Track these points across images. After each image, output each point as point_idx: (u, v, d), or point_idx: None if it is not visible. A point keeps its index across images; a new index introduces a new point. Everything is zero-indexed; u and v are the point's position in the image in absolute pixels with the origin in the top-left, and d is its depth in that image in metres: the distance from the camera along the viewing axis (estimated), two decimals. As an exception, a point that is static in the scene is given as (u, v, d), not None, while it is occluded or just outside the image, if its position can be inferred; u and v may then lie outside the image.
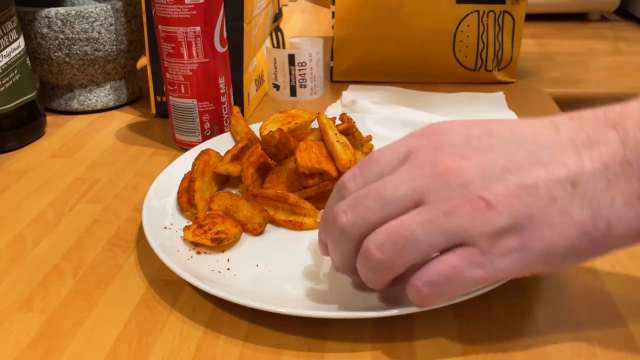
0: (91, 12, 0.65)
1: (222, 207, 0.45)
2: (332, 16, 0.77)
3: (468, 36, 0.75)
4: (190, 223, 0.45)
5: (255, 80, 0.72)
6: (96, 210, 0.50)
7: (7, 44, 0.59)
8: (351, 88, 0.76)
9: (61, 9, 0.64)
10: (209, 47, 0.55)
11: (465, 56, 0.76)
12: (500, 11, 0.74)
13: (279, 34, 0.84)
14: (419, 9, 0.74)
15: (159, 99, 0.68)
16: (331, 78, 0.80)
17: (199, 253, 0.42)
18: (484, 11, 0.74)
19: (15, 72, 0.60)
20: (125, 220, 0.48)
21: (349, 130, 0.52)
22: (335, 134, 0.48)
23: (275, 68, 0.74)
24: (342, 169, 0.46)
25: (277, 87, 0.75)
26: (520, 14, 0.75)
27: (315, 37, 0.78)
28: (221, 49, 0.57)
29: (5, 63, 0.59)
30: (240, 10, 0.62)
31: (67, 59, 0.66)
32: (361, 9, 0.75)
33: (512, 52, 0.76)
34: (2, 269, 0.42)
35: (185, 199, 0.47)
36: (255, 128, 0.57)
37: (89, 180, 0.55)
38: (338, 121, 0.54)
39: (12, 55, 0.60)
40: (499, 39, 0.75)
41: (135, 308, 0.38)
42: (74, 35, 0.65)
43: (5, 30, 0.58)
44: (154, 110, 0.68)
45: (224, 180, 0.51)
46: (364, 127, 0.57)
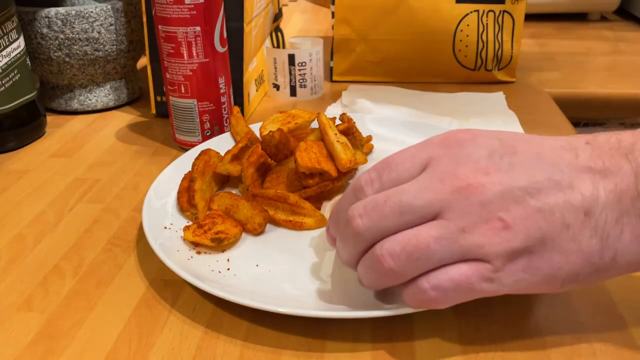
0: (91, 12, 0.65)
1: (222, 207, 0.45)
2: (332, 16, 0.77)
3: (468, 36, 0.75)
4: (190, 223, 0.45)
5: (255, 80, 0.72)
6: (96, 210, 0.50)
7: (7, 44, 0.59)
8: (351, 88, 0.76)
9: (61, 9, 0.64)
10: (209, 47, 0.55)
11: (465, 56, 0.76)
12: (500, 11, 0.74)
13: (279, 34, 0.84)
14: (418, 9, 0.74)
15: (159, 99, 0.68)
16: (331, 78, 0.80)
17: (199, 253, 0.42)
18: (484, 11, 0.74)
19: (15, 72, 0.60)
20: (125, 220, 0.48)
21: (349, 130, 0.52)
22: (335, 134, 0.48)
23: (275, 68, 0.74)
24: (342, 169, 0.46)
25: (277, 87, 0.75)
26: (519, 13, 0.75)
27: (315, 37, 0.78)
28: (221, 49, 0.57)
29: (5, 63, 0.59)
30: (240, 10, 0.62)
31: (67, 59, 0.66)
32: (361, 9, 0.75)
33: (512, 52, 0.76)
34: (2, 269, 0.43)
35: (185, 199, 0.47)
36: (255, 128, 0.57)
37: (89, 180, 0.55)
38: (338, 121, 0.54)
39: (12, 55, 0.60)
40: (499, 39, 0.75)
41: (135, 308, 0.38)
42: (74, 35, 0.65)
43: (5, 30, 0.58)
44: (154, 110, 0.68)
45: (224, 180, 0.51)
46: (364, 127, 0.57)
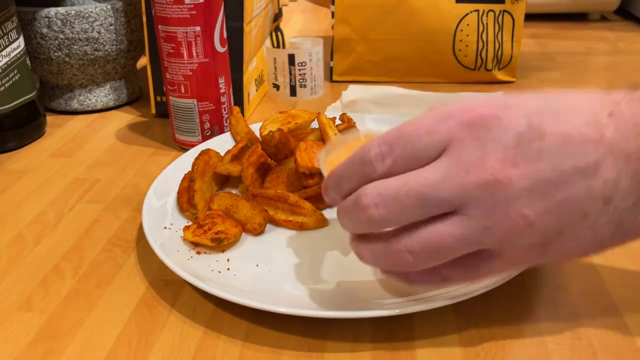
0: (91, 12, 0.65)
1: (222, 207, 0.45)
2: (332, 16, 0.77)
3: (468, 35, 0.75)
4: (190, 223, 0.45)
5: (255, 80, 0.72)
6: (96, 210, 0.50)
7: (7, 43, 0.59)
8: (351, 88, 0.76)
9: (61, 9, 0.64)
10: (209, 47, 0.55)
11: (465, 56, 0.76)
12: (500, 10, 0.74)
13: (279, 33, 0.84)
14: (418, 9, 0.74)
15: (159, 99, 0.68)
16: (331, 78, 0.80)
17: (199, 253, 0.42)
18: (484, 10, 0.74)
19: (15, 72, 0.60)
20: (125, 220, 0.48)
21: (348, 130, 0.52)
22: (335, 134, 0.48)
23: (275, 68, 0.74)
24: (342, 169, 0.46)
25: (277, 87, 0.75)
26: (519, 13, 0.75)
27: (315, 37, 0.77)
28: (221, 49, 0.57)
29: (5, 63, 0.59)
30: (240, 10, 0.62)
31: (67, 59, 0.66)
32: (361, 8, 0.75)
33: (512, 52, 0.76)
34: (2, 269, 0.43)
35: (185, 199, 0.47)
36: (255, 128, 0.57)
37: (89, 180, 0.55)
38: (338, 121, 0.54)
39: (12, 55, 0.60)
40: (499, 39, 0.75)
41: (135, 308, 0.38)
42: (73, 35, 0.65)
43: (5, 30, 0.58)
44: (154, 110, 0.68)
45: (224, 180, 0.51)
46: (363, 127, 0.57)
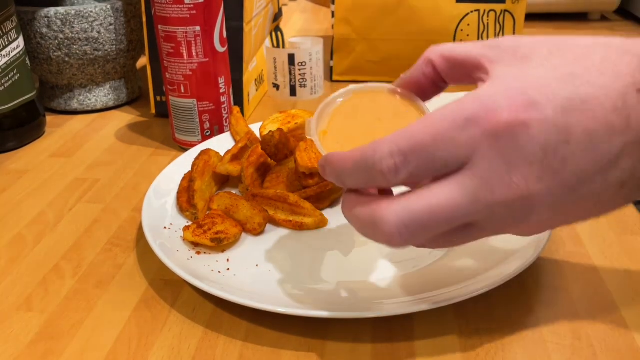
0: (91, 12, 0.65)
1: (222, 207, 0.45)
2: (332, 16, 0.77)
3: (468, 35, 0.75)
4: (190, 223, 0.45)
5: (255, 80, 0.72)
6: (96, 210, 0.50)
7: (7, 43, 0.59)
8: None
9: (61, 9, 0.64)
10: (208, 47, 0.55)
11: (465, 56, 0.76)
12: (501, 10, 0.74)
13: (279, 33, 0.84)
14: (418, 9, 0.74)
15: (158, 98, 0.68)
16: (331, 78, 0.80)
17: (198, 253, 0.42)
18: (485, 10, 0.74)
19: (14, 72, 0.60)
20: (125, 220, 0.48)
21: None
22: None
23: (275, 68, 0.74)
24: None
25: (277, 87, 0.75)
26: (520, 13, 0.75)
27: (315, 37, 0.77)
28: (221, 49, 0.57)
29: (5, 63, 0.59)
30: (240, 10, 0.62)
31: (67, 59, 0.66)
32: (361, 8, 0.75)
33: (512, 52, 0.76)
34: (2, 269, 0.42)
35: (185, 199, 0.47)
36: (255, 128, 0.57)
37: (88, 180, 0.55)
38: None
39: (12, 55, 0.59)
40: (499, 39, 0.75)
41: (135, 308, 0.38)
42: (73, 35, 0.65)
43: (4, 30, 0.58)
44: (153, 110, 0.68)
45: (224, 180, 0.51)
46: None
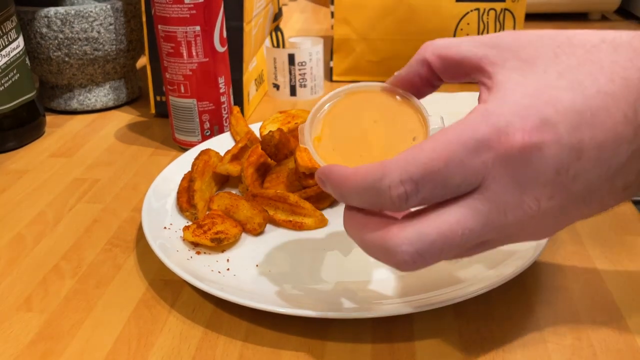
0: (90, 12, 0.65)
1: (222, 207, 0.45)
2: (332, 16, 0.77)
3: (468, 34, 0.75)
4: (189, 223, 0.45)
5: (255, 80, 0.72)
6: (96, 210, 0.50)
7: (7, 43, 0.59)
8: (351, 87, 0.76)
9: (60, 9, 0.64)
10: (208, 47, 0.55)
11: (465, 55, 0.76)
12: (501, 9, 0.74)
13: (279, 33, 0.84)
14: (418, 8, 0.74)
15: (158, 98, 0.68)
16: (331, 78, 0.80)
17: (198, 253, 0.42)
18: (485, 9, 0.74)
19: (14, 72, 0.60)
20: (125, 220, 0.48)
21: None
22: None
23: (275, 68, 0.74)
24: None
25: (277, 87, 0.75)
26: (520, 11, 0.75)
27: (315, 37, 0.77)
28: (221, 49, 0.57)
29: (5, 63, 0.59)
30: (240, 10, 0.62)
31: (67, 59, 0.66)
32: (361, 8, 0.75)
33: (512, 52, 0.76)
34: (2, 269, 0.42)
35: (185, 199, 0.47)
36: (255, 128, 0.57)
37: (88, 180, 0.55)
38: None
39: (12, 55, 0.59)
40: (499, 38, 0.75)
41: (134, 308, 0.38)
42: (73, 35, 0.65)
43: (4, 30, 0.58)
44: (153, 110, 0.68)
45: (223, 180, 0.51)
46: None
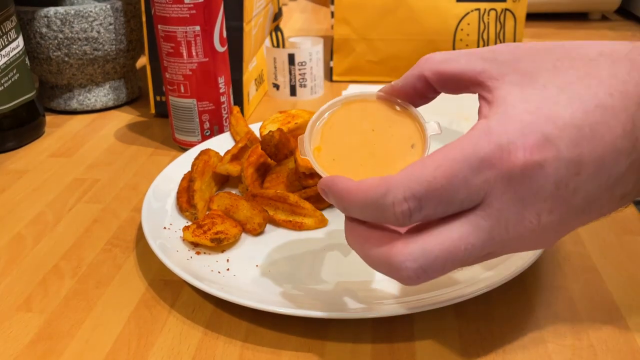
0: (90, 12, 0.65)
1: (222, 207, 0.45)
2: (332, 16, 0.77)
3: (468, 35, 0.75)
4: (189, 223, 0.45)
5: (255, 80, 0.72)
6: (95, 211, 0.50)
7: (6, 43, 0.59)
8: (351, 88, 0.76)
9: (60, 9, 0.64)
10: (208, 47, 0.55)
11: (466, 55, 0.76)
12: (502, 9, 0.74)
13: (279, 33, 0.84)
14: (418, 8, 0.74)
15: (158, 98, 0.68)
16: (331, 78, 0.80)
17: (198, 253, 0.42)
18: (485, 9, 0.74)
19: (14, 72, 0.60)
20: (125, 220, 0.48)
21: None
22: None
23: (275, 67, 0.74)
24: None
25: (277, 87, 0.75)
26: (521, 12, 0.75)
27: (315, 37, 0.77)
28: (221, 49, 0.56)
29: (5, 63, 0.59)
30: (240, 10, 0.62)
31: (66, 59, 0.66)
32: (361, 8, 0.75)
33: (512, 52, 0.76)
34: (2, 269, 0.42)
35: (185, 199, 0.47)
36: (255, 128, 0.57)
37: (88, 180, 0.55)
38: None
39: (11, 54, 0.59)
40: (501, 38, 0.75)
41: (134, 308, 0.38)
42: (73, 35, 0.65)
43: (4, 30, 0.58)
44: (153, 110, 0.68)
45: (223, 180, 0.51)
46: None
